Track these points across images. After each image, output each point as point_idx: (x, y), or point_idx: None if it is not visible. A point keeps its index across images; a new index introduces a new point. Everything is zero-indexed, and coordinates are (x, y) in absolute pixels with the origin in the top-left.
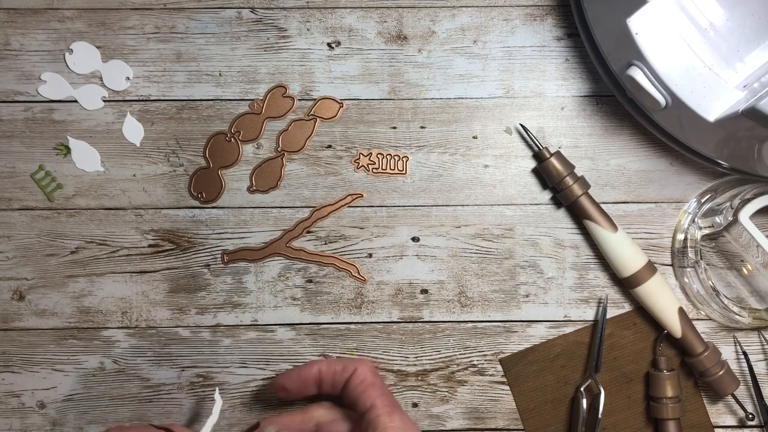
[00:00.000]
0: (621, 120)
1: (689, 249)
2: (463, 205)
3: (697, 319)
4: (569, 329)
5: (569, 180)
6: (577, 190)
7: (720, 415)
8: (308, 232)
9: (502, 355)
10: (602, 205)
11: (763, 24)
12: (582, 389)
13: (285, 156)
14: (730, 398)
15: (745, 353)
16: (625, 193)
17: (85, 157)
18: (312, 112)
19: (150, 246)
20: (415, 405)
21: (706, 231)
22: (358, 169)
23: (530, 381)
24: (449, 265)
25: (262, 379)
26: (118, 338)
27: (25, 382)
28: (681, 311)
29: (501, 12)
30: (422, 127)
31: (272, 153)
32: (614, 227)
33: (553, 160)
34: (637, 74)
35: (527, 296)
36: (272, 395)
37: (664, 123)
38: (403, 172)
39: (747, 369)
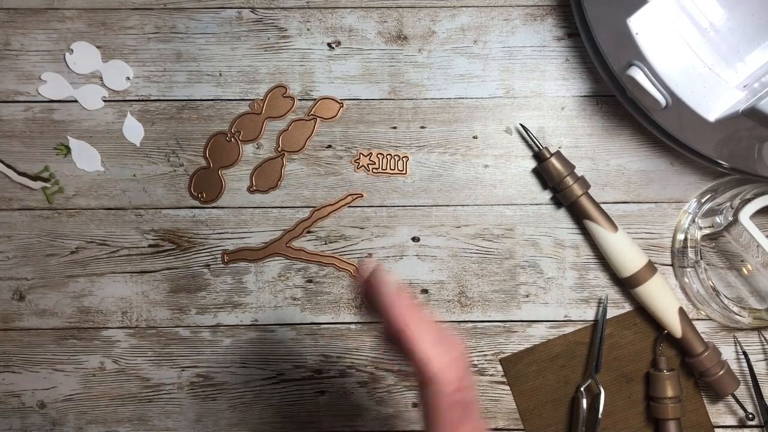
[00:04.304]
0: (621, 120)
1: (689, 249)
2: (463, 205)
3: (697, 319)
4: (569, 329)
5: (569, 180)
6: (577, 190)
7: (720, 415)
8: (308, 232)
9: (502, 355)
10: (602, 205)
11: (763, 24)
12: (582, 389)
13: (285, 156)
14: (730, 398)
15: (745, 353)
16: (625, 193)
17: (85, 157)
18: (312, 112)
19: (150, 246)
20: (415, 405)
21: (706, 231)
22: (358, 169)
23: (530, 381)
24: (449, 265)
25: (262, 379)
26: (118, 338)
27: (25, 382)
28: (681, 311)
29: (501, 12)
30: (422, 127)
31: (272, 153)
32: (614, 227)
33: (553, 160)
34: (638, 74)
35: (527, 296)
36: (272, 396)
37: (664, 123)
38: (403, 172)
39: (747, 369)
